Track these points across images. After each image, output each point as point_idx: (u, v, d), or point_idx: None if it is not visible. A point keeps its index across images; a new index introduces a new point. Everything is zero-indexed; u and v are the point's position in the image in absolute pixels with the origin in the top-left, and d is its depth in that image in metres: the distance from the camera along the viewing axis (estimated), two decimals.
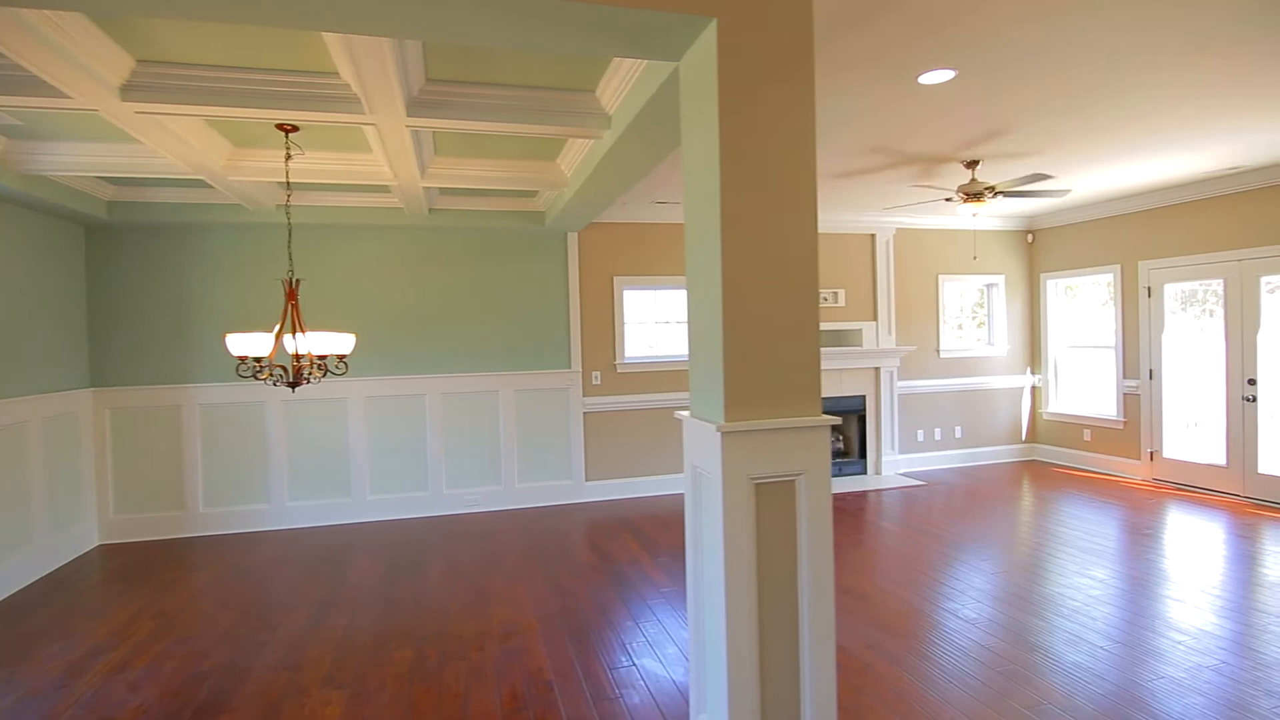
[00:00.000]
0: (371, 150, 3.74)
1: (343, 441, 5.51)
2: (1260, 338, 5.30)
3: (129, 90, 2.61)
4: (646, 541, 4.79)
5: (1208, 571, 3.87)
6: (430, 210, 5.39)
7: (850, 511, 5.45)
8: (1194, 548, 4.30)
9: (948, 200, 4.79)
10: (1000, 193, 4.64)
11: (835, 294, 6.70)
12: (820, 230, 6.83)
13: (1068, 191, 4.61)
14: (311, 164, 3.90)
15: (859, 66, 2.89)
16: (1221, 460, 5.61)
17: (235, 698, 2.72)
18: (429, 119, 2.94)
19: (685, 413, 2.18)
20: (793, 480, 1.93)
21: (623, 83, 2.83)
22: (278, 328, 3.35)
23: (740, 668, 1.88)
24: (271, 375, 3.25)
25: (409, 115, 2.88)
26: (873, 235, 6.80)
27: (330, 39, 2.26)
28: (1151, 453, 6.18)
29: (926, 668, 2.85)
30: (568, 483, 6.01)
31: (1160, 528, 4.75)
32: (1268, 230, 5.26)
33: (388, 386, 5.59)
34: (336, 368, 3.70)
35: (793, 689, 1.96)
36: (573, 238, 5.98)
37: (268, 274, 5.20)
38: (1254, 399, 5.33)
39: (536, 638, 3.24)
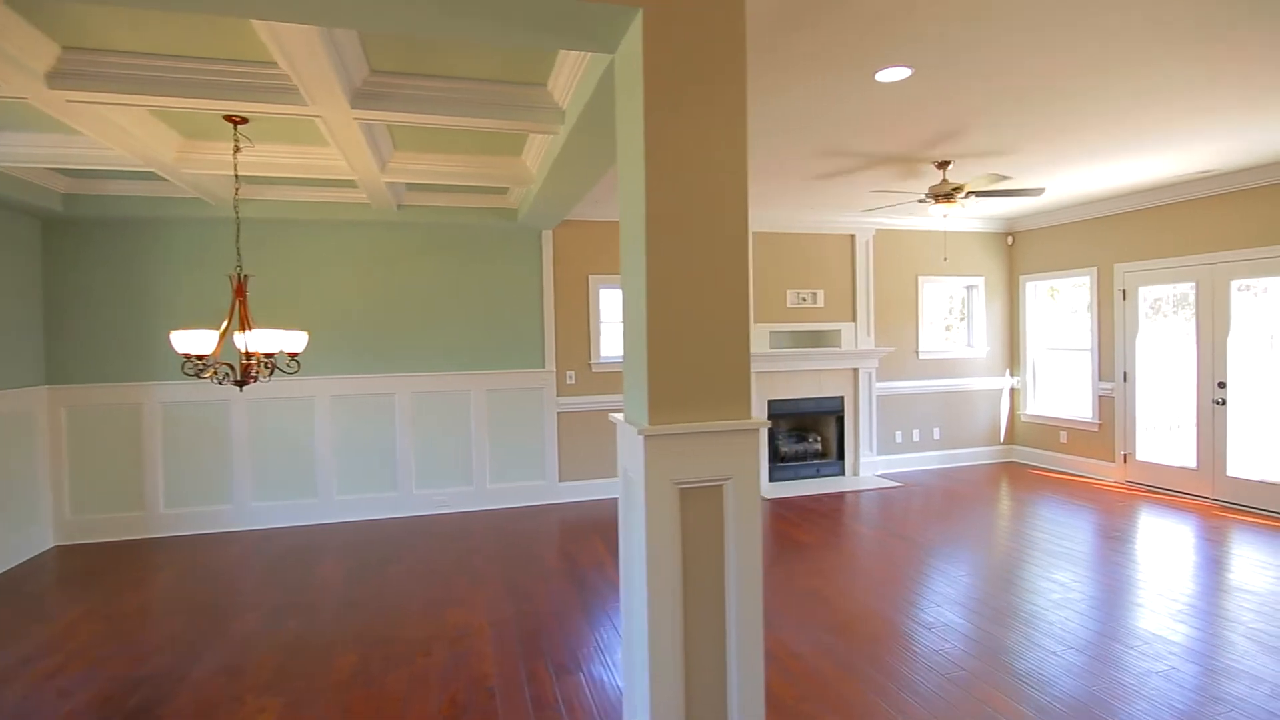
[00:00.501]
0: (327, 144, 3.66)
1: (310, 441, 5.43)
2: (1230, 341, 5.29)
3: (56, 78, 2.54)
4: (614, 545, 4.74)
5: (1170, 577, 3.85)
6: (399, 206, 5.32)
7: (824, 513, 5.41)
8: (1159, 553, 4.27)
9: (920, 201, 4.75)
10: (971, 193, 4.61)
11: (814, 294, 6.67)
12: (799, 231, 6.85)
13: (1041, 191, 4.58)
14: (266, 157, 3.82)
15: (814, 63, 2.84)
16: (1192, 463, 5.60)
17: (166, 706, 2.65)
18: (375, 111, 2.87)
19: (620, 415, 2.13)
20: (720, 485, 1.88)
21: (571, 76, 2.77)
22: (225, 324, 3.27)
23: (663, 676, 1.83)
24: (216, 374, 3.18)
25: (354, 107, 2.82)
26: (852, 236, 6.76)
27: (259, 26, 2.19)
28: (1125, 455, 6.17)
29: (876, 673, 2.81)
30: (541, 483, 5.95)
31: (1129, 532, 4.73)
32: (1238, 234, 5.25)
33: (356, 385, 5.52)
34: (288, 366, 3.63)
35: (719, 698, 1.91)
36: (547, 235, 5.92)
37: (227, 268, 5.10)
38: (1223, 402, 5.32)
39: (487, 642, 3.18)
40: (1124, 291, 6.13)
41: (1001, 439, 7.37)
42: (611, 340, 6.24)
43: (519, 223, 5.58)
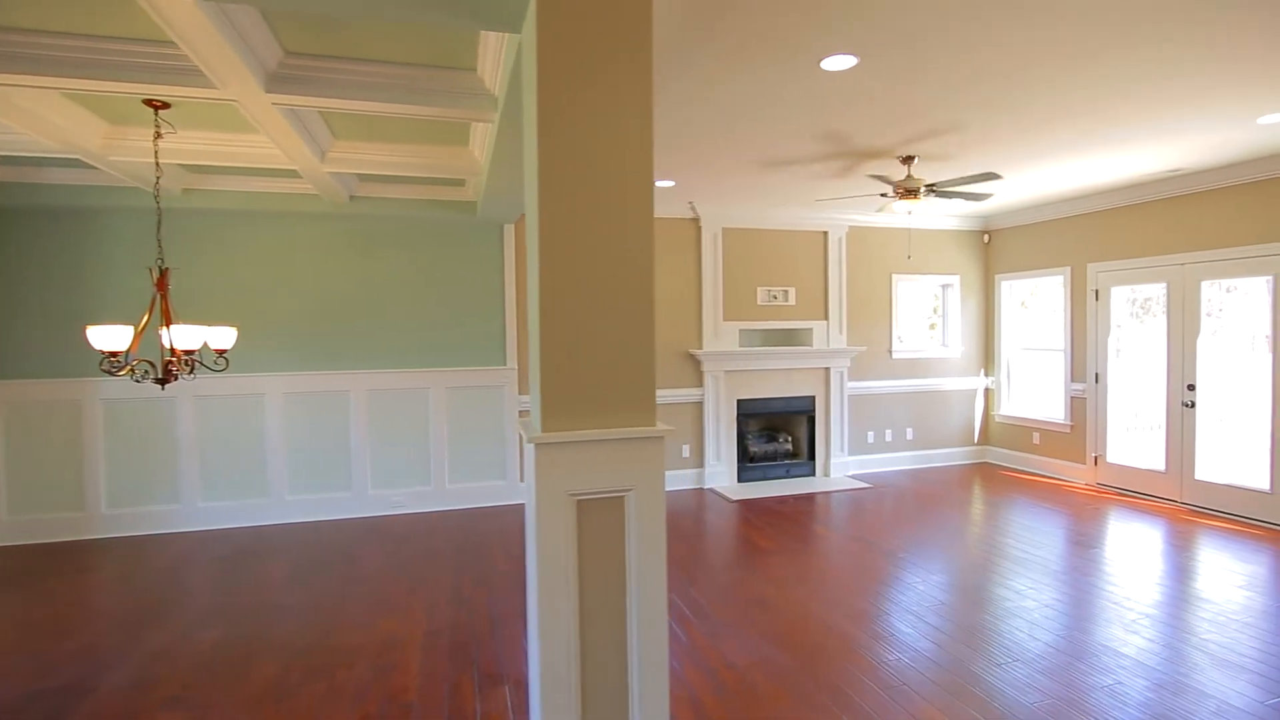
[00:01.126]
0: (257, 131, 3.51)
1: (259, 440, 5.28)
2: (1200, 343, 5.22)
3: None
4: None
5: (1130, 586, 3.76)
6: (351, 198, 5.16)
7: (789, 515, 5.30)
8: (1122, 560, 4.19)
9: (883, 196, 4.64)
10: (932, 189, 4.50)
11: (785, 292, 6.55)
12: (770, 227, 6.73)
13: (996, 178, 4.47)
14: (199, 144, 3.66)
15: (755, 49, 2.71)
16: (1161, 466, 5.53)
17: None
18: (293, 96, 2.72)
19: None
20: (621, 497, 1.76)
21: (496, 60, 2.63)
22: (144, 319, 3.12)
23: (557, 696, 1.71)
24: (134, 371, 3.03)
25: (268, 91, 2.66)
26: (825, 233, 6.65)
27: (141, 1, 2.04)
28: (1096, 457, 6.10)
29: (813, 687, 2.70)
30: (501, 484, 5.82)
31: (1094, 538, 4.65)
32: (1207, 234, 5.17)
33: (309, 382, 5.36)
34: (216, 363, 3.48)
35: (621, 717, 1.79)
36: (509, 229, 5.77)
37: (172, 261, 4.93)
38: (1193, 404, 5.25)
39: (415, 653, 3.05)
40: (1096, 292, 6.05)
41: (975, 440, 7.30)
42: None
43: (478, 216, 5.43)
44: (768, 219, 6.40)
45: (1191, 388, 5.26)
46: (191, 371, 3.12)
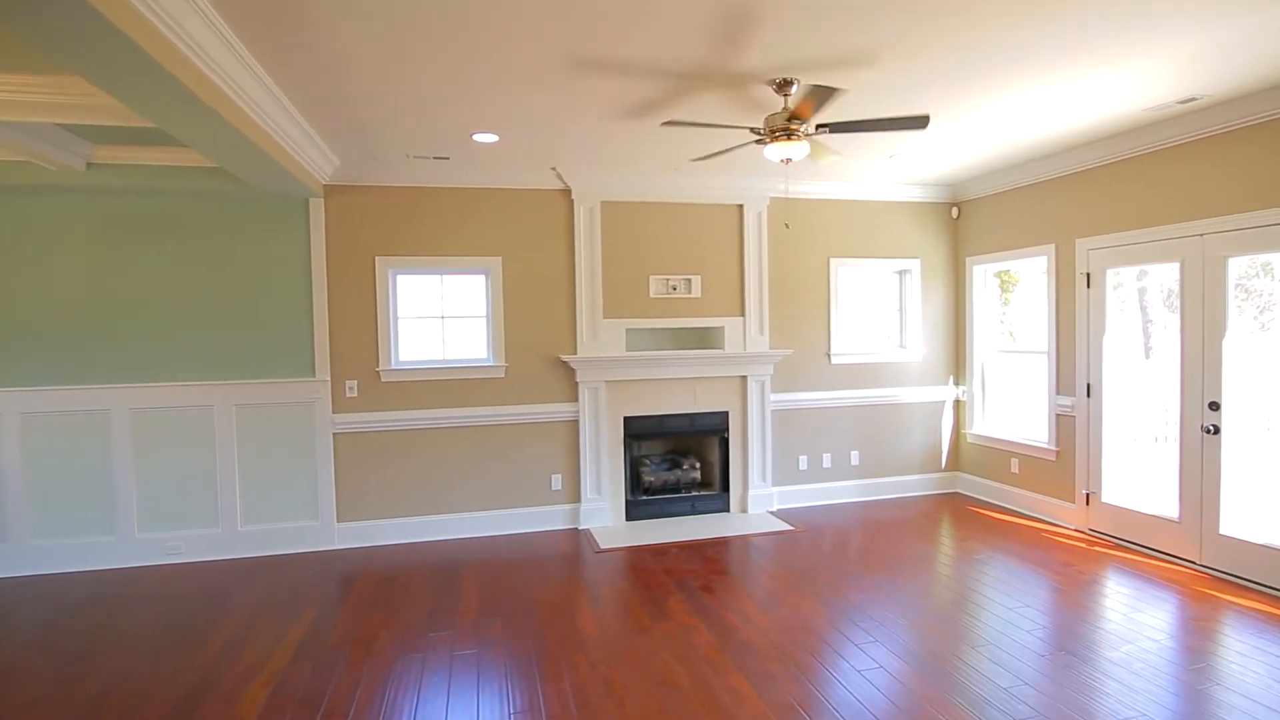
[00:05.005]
0: None
1: None
2: (1226, 344, 3.73)
3: None
4: (408, 610, 3.40)
5: (1124, 699, 2.38)
6: (89, 165, 4.03)
7: (669, 574, 3.98)
8: (1116, 652, 2.79)
9: (758, 141, 3.30)
10: (821, 126, 3.14)
11: (688, 281, 5.22)
12: (666, 199, 5.11)
13: (923, 122, 3.09)
14: None
15: None
16: (1173, 512, 4.05)
17: None
18: None
19: None
20: None
21: None
22: None
23: None
24: None
25: None
26: (740, 206, 5.29)
27: None
28: (1088, 494, 4.62)
29: None
30: (312, 524, 4.64)
31: (1079, 614, 3.25)
32: (1237, 192, 3.67)
33: (53, 400, 4.26)
34: None
35: None
36: (316, 206, 4.58)
37: None
38: (1216, 429, 3.77)
39: None
40: (1088, 275, 4.57)
41: (943, 464, 5.85)
42: (413, 341, 4.88)
43: (272, 189, 4.25)
44: (662, 189, 5.07)
45: (1215, 407, 3.78)
46: None
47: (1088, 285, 4.56)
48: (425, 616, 3.50)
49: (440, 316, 4.92)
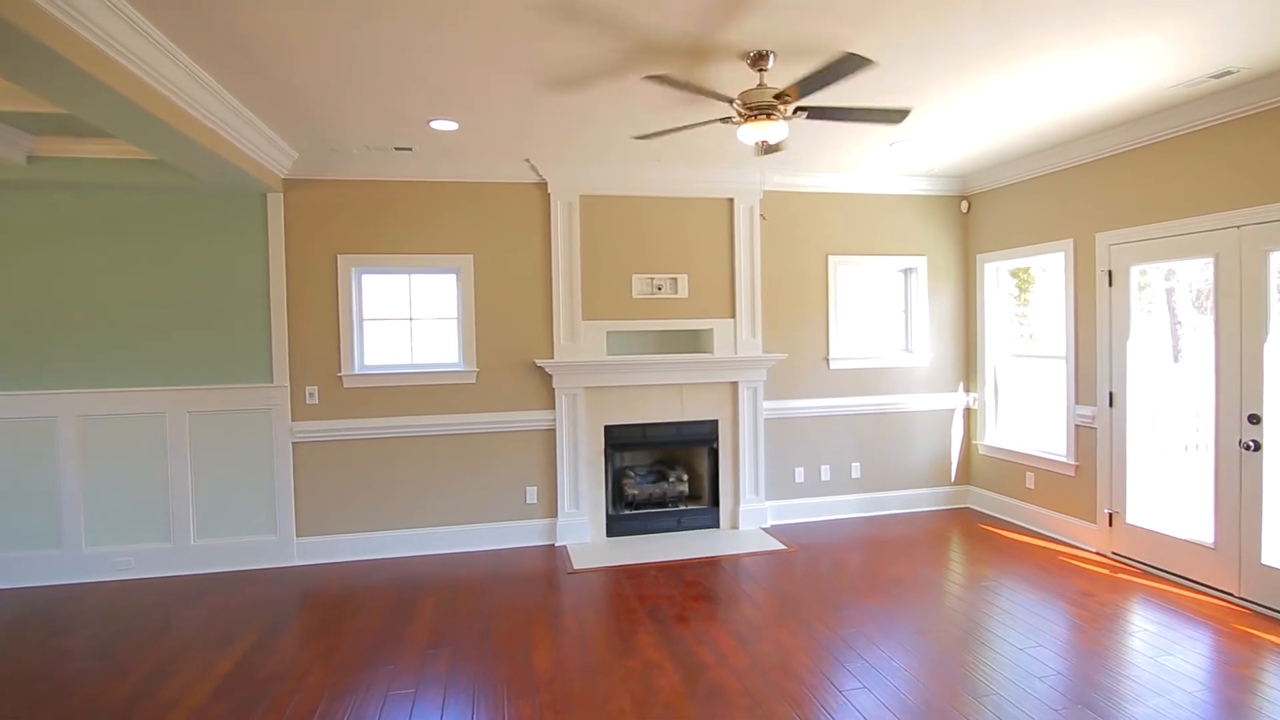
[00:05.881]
0: None
1: None
2: (1268, 350, 3.31)
3: None
4: (337, 632, 3.10)
5: None
6: (30, 159, 3.80)
7: (642, 599, 3.64)
8: (1144, 707, 2.41)
9: (725, 120, 2.96)
10: (801, 107, 2.79)
11: (674, 281, 4.88)
12: (649, 193, 4.68)
13: (903, 115, 2.73)
14: None
15: None
16: (1208, 537, 3.62)
17: None
18: None
19: None
20: None
21: None
22: None
23: None
24: None
25: None
26: (730, 200, 4.94)
27: None
28: (1111, 515, 4.20)
29: None
30: (270, 539, 4.37)
31: (1101, 657, 2.85)
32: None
33: None
34: None
35: None
36: (275, 201, 4.31)
37: None
38: (1257, 445, 3.34)
39: None
40: (1109, 273, 4.15)
41: (953, 478, 5.43)
42: (378, 345, 4.60)
43: (227, 184, 3.99)
44: (645, 182, 4.74)
45: (1255, 420, 3.35)
46: None
47: (1109, 283, 4.14)
48: (370, 647, 3.19)
49: (408, 319, 4.63)
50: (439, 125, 3.65)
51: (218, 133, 3.34)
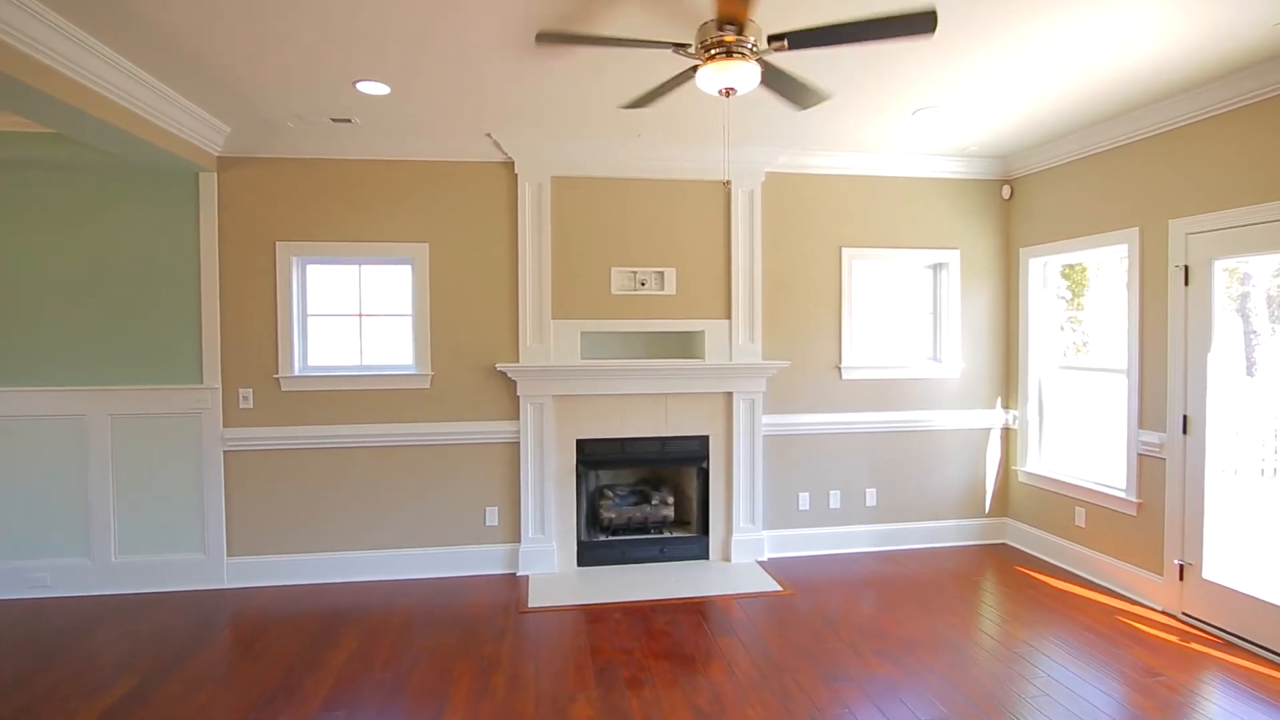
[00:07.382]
0: None
1: None
2: None
3: None
4: (231, 678, 2.60)
5: None
6: None
7: (582, 656, 3.04)
8: None
9: (691, 66, 2.33)
10: (776, 38, 2.14)
11: (659, 275, 4.26)
12: (632, 174, 4.05)
13: (929, 21, 2.06)
14: None
15: None
16: None
17: None
18: None
19: None
20: None
21: None
22: None
23: None
24: None
25: None
26: (726, 183, 4.30)
27: None
28: (1182, 567, 3.40)
29: None
30: (198, 558, 3.92)
31: None
32: None
33: None
34: None
35: None
36: (208, 181, 3.86)
37: None
38: None
39: None
40: (1186, 269, 3.36)
41: (987, 509, 4.66)
42: (324, 343, 4.11)
43: (147, 162, 3.55)
44: (628, 162, 4.13)
45: None
46: None
47: (1185, 282, 3.35)
48: (259, 700, 2.68)
49: (357, 315, 4.13)
50: (367, 88, 3.12)
51: (124, 106, 2.89)
